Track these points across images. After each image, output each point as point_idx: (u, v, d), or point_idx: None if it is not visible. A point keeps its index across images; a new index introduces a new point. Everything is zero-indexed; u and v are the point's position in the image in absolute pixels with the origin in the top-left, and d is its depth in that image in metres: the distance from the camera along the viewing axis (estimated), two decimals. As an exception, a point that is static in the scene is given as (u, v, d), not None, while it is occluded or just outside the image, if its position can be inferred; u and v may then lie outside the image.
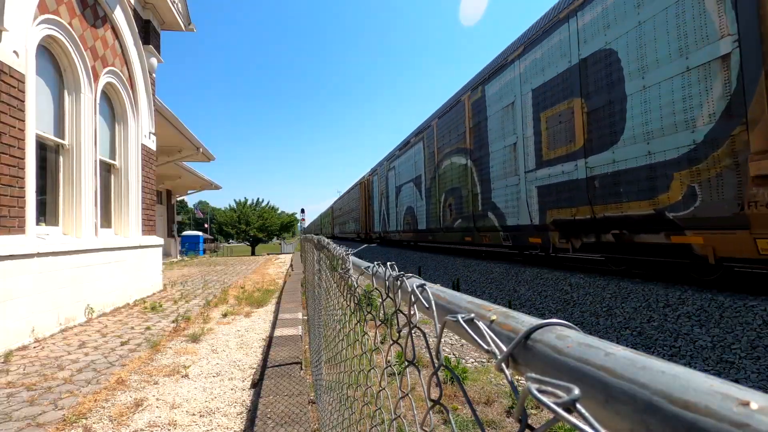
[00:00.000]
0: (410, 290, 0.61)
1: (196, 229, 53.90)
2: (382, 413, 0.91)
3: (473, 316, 0.42)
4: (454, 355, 3.85)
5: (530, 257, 9.38)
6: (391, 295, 0.74)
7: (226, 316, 5.64)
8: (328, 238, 3.43)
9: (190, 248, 25.42)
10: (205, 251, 28.26)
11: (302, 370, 3.27)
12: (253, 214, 33.28)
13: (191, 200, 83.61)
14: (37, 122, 4.83)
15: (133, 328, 5.03)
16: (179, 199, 21.44)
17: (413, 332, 0.61)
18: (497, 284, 7.55)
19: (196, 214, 59.51)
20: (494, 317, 0.41)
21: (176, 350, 4.05)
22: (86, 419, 2.58)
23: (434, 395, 0.55)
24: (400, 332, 0.70)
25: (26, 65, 4.50)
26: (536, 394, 0.25)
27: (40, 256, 4.58)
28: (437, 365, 0.50)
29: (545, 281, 6.58)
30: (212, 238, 42.88)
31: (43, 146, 5.20)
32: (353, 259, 1.35)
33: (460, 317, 0.43)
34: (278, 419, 2.31)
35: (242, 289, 8.12)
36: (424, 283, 0.61)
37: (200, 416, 2.65)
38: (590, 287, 5.66)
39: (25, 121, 4.48)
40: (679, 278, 5.27)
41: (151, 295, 7.56)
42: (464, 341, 3.05)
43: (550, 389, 0.26)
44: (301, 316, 5.09)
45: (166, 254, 16.92)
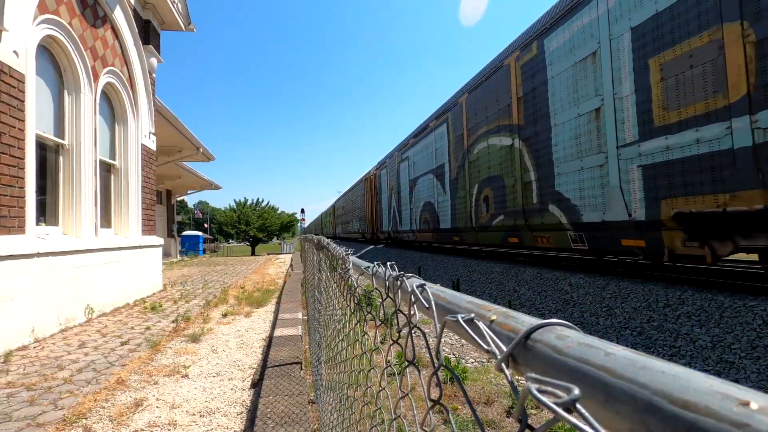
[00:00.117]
0: (410, 290, 0.61)
1: (196, 229, 53.89)
2: (382, 413, 0.91)
3: (473, 316, 0.42)
4: (454, 355, 3.85)
5: (530, 257, 9.29)
6: (391, 295, 0.74)
7: (226, 316, 5.65)
8: (329, 238, 3.42)
9: (190, 248, 25.44)
10: (205, 251, 28.26)
11: (302, 370, 3.27)
12: (253, 214, 33.30)
13: (191, 200, 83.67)
14: (37, 122, 4.84)
15: (133, 328, 5.03)
16: (179, 199, 21.44)
17: (413, 332, 0.61)
18: (497, 284, 7.56)
19: (195, 214, 59.51)
20: (494, 317, 0.41)
21: (176, 350, 4.05)
22: (86, 419, 2.58)
23: (434, 395, 0.55)
24: (400, 332, 0.70)
25: (26, 65, 4.51)
26: (536, 394, 0.25)
27: (40, 256, 4.58)
28: (437, 365, 0.50)
29: (545, 281, 6.58)
30: (212, 238, 42.88)
31: (43, 146, 5.21)
32: (353, 259, 1.35)
33: (460, 317, 0.43)
34: (278, 419, 2.31)
35: (242, 289, 8.13)
36: (424, 283, 0.61)
37: (200, 416, 2.65)
38: (590, 287, 5.66)
39: (25, 121, 4.48)
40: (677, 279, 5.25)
41: (151, 295, 7.56)
42: (464, 341, 3.05)
43: (550, 389, 0.26)
44: (301, 316, 5.09)
45: (166, 254, 16.92)
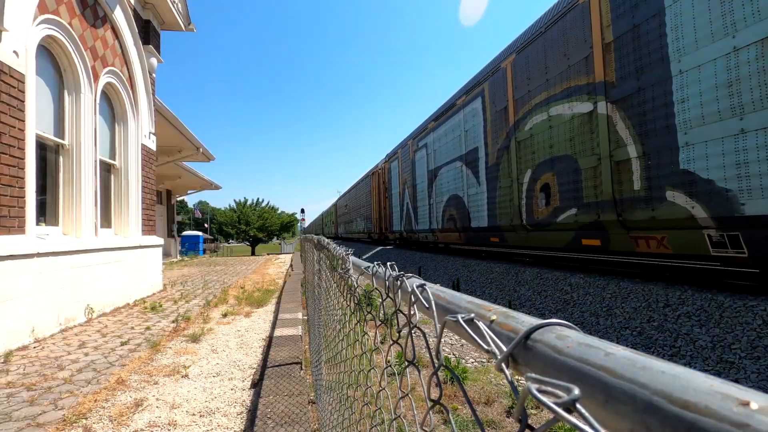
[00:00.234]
0: (410, 290, 0.61)
1: (196, 229, 53.90)
2: (382, 413, 0.91)
3: (473, 316, 0.42)
4: (454, 355, 3.85)
5: (530, 257, 9.26)
6: (391, 295, 0.74)
7: (226, 316, 5.65)
8: (331, 239, 3.41)
9: (190, 248, 25.45)
10: (205, 251, 28.27)
11: (302, 370, 3.27)
12: (253, 214, 33.29)
13: (191, 200, 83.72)
14: (37, 122, 4.84)
15: (133, 328, 5.03)
16: (179, 199, 21.44)
17: (413, 332, 0.61)
18: (497, 284, 7.55)
19: (195, 214, 59.52)
20: (494, 317, 0.41)
21: (176, 350, 4.05)
22: (86, 419, 2.58)
23: (434, 395, 0.55)
24: (400, 332, 0.70)
25: (26, 65, 4.51)
26: (536, 394, 0.25)
27: (40, 256, 4.58)
28: (437, 365, 0.50)
29: (545, 281, 6.58)
30: (212, 238, 42.90)
31: (43, 146, 5.21)
32: (353, 259, 1.35)
33: (460, 317, 0.43)
34: (278, 419, 2.31)
35: (242, 289, 8.13)
36: (424, 283, 0.61)
37: (200, 416, 2.65)
38: (590, 287, 5.66)
39: (25, 121, 4.48)
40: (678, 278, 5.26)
41: (151, 295, 7.56)
42: (464, 341, 3.05)
43: (550, 389, 0.26)
44: (301, 316, 5.09)
45: (166, 254, 16.92)
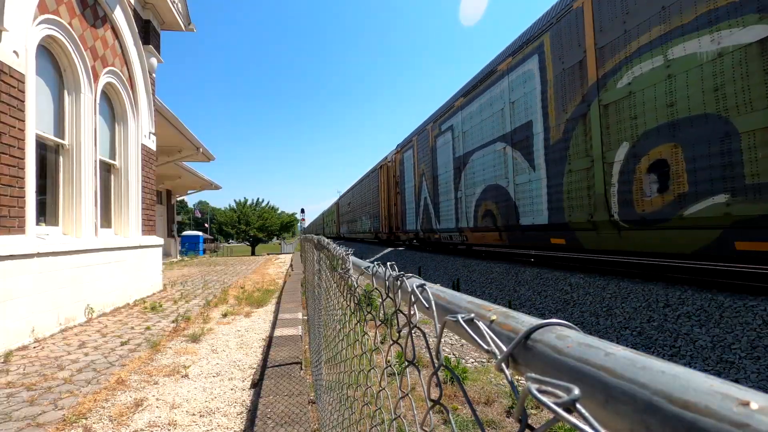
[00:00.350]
0: (410, 290, 0.61)
1: (196, 229, 53.89)
2: (382, 413, 0.91)
3: (473, 316, 0.42)
4: (454, 355, 3.85)
5: (530, 257, 9.29)
6: (391, 295, 0.74)
7: (226, 316, 5.64)
8: (333, 239, 3.41)
9: (190, 248, 25.45)
10: (205, 251, 28.27)
11: (302, 370, 3.27)
12: (253, 214, 33.30)
13: (191, 200, 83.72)
14: (37, 122, 4.83)
15: (133, 328, 5.03)
16: (179, 199, 21.44)
17: (413, 332, 0.61)
18: (497, 284, 7.55)
19: (195, 214, 59.53)
20: (494, 317, 0.41)
21: (176, 350, 4.05)
22: (86, 419, 2.58)
23: (434, 395, 0.55)
24: (400, 332, 0.70)
25: (26, 65, 4.51)
26: (536, 394, 0.25)
27: (40, 256, 4.58)
28: (437, 365, 0.50)
29: (545, 281, 6.58)
30: (212, 238, 42.91)
31: (43, 146, 5.20)
32: (353, 259, 1.35)
33: (460, 317, 0.43)
34: (278, 419, 2.31)
35: (242, 289, 8.12)
36: (424, 283, 0.61)
37: (200, 416, 2.65)
38: (590, 287, 5.66)
39: (25, 121, 4.48)
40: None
41: (151, 295, 7.56)
42: (464, 341, 3.05)
43: (550, 389, 0.26)
44: (301, 316, 5.09)
45: (166, 254, 16.92)
